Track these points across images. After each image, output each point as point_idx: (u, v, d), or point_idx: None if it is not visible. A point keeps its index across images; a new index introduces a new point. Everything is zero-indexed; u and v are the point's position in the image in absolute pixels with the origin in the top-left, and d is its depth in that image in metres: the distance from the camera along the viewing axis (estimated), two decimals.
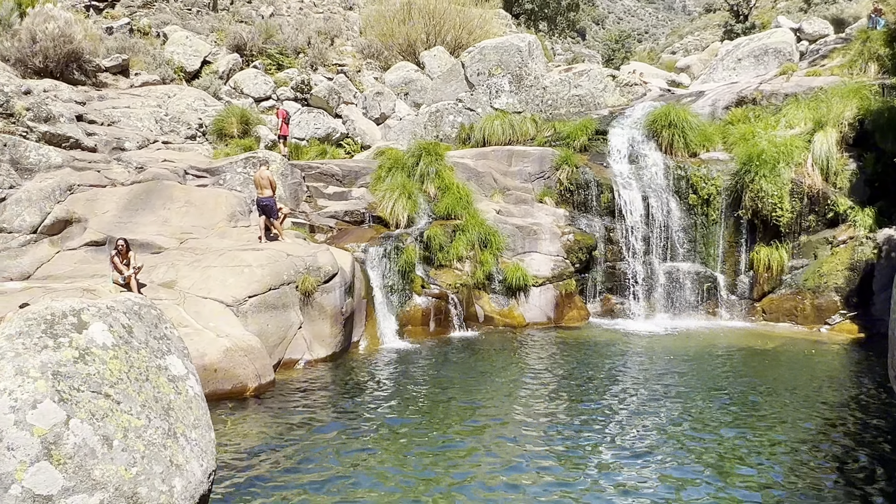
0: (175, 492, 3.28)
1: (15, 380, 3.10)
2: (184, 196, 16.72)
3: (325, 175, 18.95)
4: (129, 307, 3.82)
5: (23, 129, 17.15)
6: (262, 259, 13.55)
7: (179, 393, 3.73)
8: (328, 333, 13.76)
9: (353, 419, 10.09)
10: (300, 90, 24.14)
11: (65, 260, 15.19)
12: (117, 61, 22.77)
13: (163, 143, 19.82)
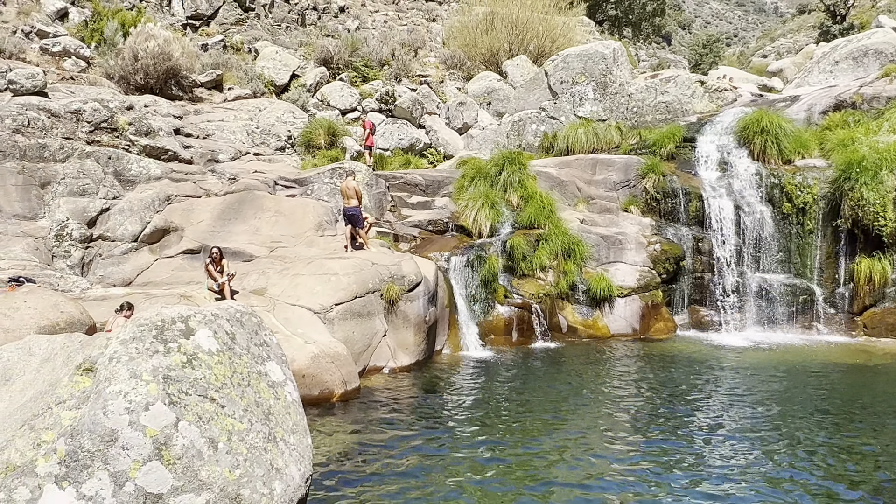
0: (275, 495, 3.37)
1: (129, 382, 3.26)
2: (273, 206, 17.24)
3: (408, 185, 19.19)
4: (232, 314, 3.97)
5: (125, 142, 18.08)
6: (349, 267, 13.81)
7: (278, 398, 3.84)
8: (412, 342, 13.89)
9: (436, 427, 10.14)
10: (384, 101, 24.55)
11: (163, 267, 15.90)
12: (212, 76, 23.74)
13: (254, 155, 20.51)
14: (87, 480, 3.05)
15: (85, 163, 16.83)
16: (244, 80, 24.48)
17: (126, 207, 16.55)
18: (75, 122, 17.56)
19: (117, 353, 3.40)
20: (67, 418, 3.29)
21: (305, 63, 26.62)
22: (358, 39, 28.32)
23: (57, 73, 20.02)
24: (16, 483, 3.05)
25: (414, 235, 17.23)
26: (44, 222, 15.79)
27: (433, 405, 11.38)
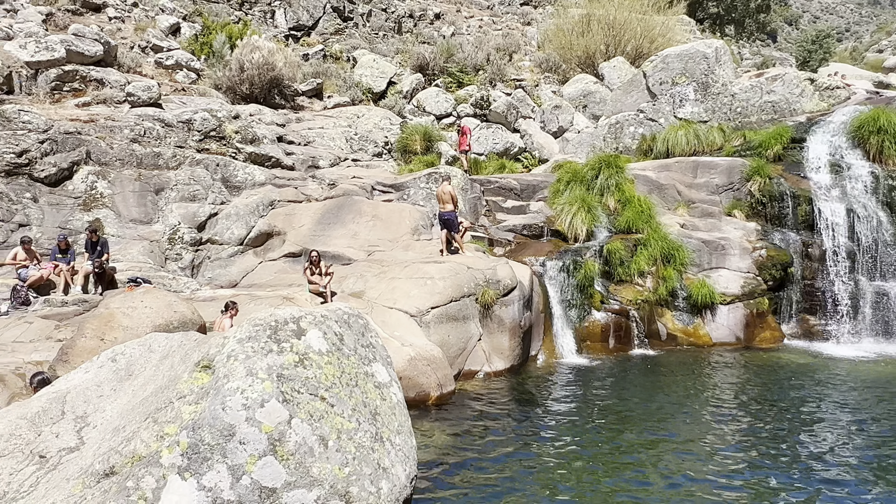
0: (382, 493, 3.44)
1: (246, 380, 3.39)
2: (371, 210, 17.59)
3: (503, 189, 19.18)
4: (340, 316, 4.07)
5: (232, 150, 18.88)
6: (444, 271, 13.92)
7: (384, 399, 3.92)
8: (507, 346, 13.86)
9: (531, 432, 10.07)
10: (479, 106, 24.64)
11: (266, 270, 16.50)
12: (312, 85, 24.48)
13: (352, 161, 21.01)
14: (207, 472, 3.20)
15: (195, 170, 17.67)
16: (343, 88, 25.12)
17: (232, 212, 17.27)
18: (187, 131, 18.49)
19: (234, 352, 3.55)
20: (188, 412, 3.45)
21: (402, 70, 27.06)
22: (453, 45, 28.56)
23: (170, 84, 21.12)
24: (143, 472, 3.23)
25: (509, 240, 17.20)
26: (158, 226, 16.67)
27: (528, 410, 11.30)
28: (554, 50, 29.82)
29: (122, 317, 10.23)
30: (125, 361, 4.99)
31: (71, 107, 17.97)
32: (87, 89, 18.64)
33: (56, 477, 3.92)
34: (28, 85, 17.97)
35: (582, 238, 16.77)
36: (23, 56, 18.07)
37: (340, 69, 26.43)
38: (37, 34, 18.98)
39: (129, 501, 3.13)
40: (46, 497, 3.64)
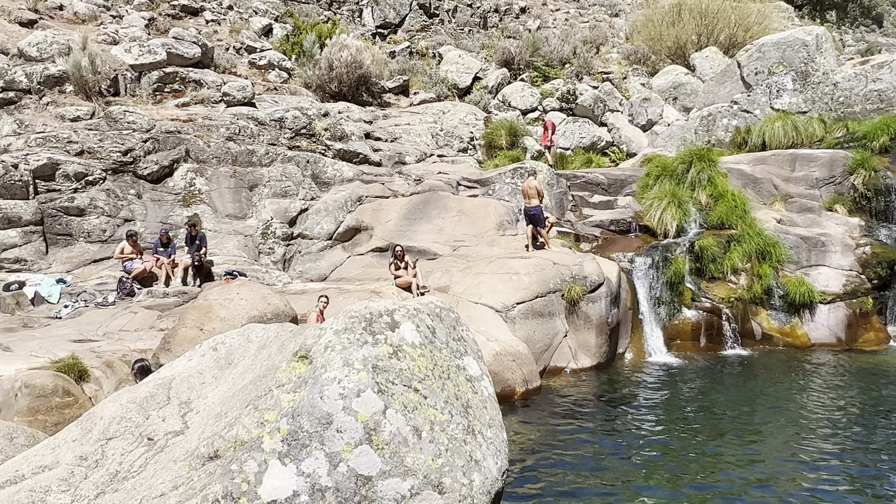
0: (474, 486, 3.46)
1: (342, 370, 3.48)
2: (456, 206, 17.69)
3: (590, 184, 18.91)
4: (432, 309, 4.12)
5: (321, 147, 19.34)
6: (530, 267, 13.87)
7: (476, 392, 3.94)
8: (593, 343, 13.69)
9: (617, 431, 9.92)
10: (565, 100, 24.37)
11: (354, 264, 16.84)
12: (399, 82, 24.78)
13: (438, 157, 21.16)
14: (305, 458, 3.30)
15: (287, 166, 18.20)
16: (429, 85, 25.32)
17: (322, 208, 17.70)
18: (278, 129, 19.05)
19: (331, 343, 3.64)
20: (286, 400, 3.57)
21: (487, 65, 27.05)
22: (539, 39, 28.33)
23: (263, 84, 21.81)
24: (245, 456, 3.36)
25: (595, 235, 16.96)
26: (252, 221, 17.27)
27: (615, 408, 11.14)
28: (643, 41, 29.14)
29: (220, 308, 10.65)
30: (225, 350, 5.19)
31: (171, 107, 18.80)
32: (186, 90, 19.46)
33: (163, 458, 4.11)
34: (132, 87, 18.91)
35: (672, 234, 16.35)
36: (127, 59, 19.02)
37: (426, 65, 26.65)
38: (140, 38, 19.94)
39: (233, 483, 3.27)
40: (155, 477, 3.83)
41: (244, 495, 3.27)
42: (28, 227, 15.17)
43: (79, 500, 4.07)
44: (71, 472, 4.29)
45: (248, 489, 3.28)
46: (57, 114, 17.22)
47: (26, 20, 19.97)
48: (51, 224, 15.46)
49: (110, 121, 17.11)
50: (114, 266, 14.99)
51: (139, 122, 17.18)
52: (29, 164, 15.47)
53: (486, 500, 3.47)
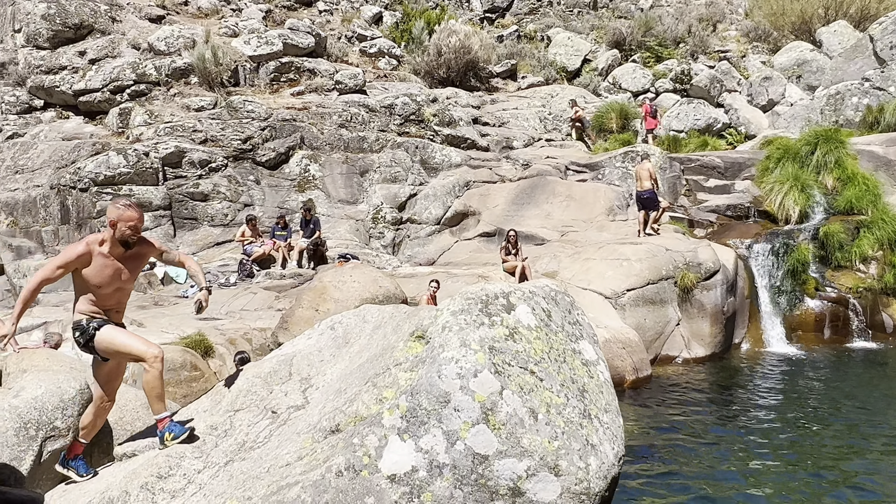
0: (591, 470, 3.44)
1: (460, 350, 3.53)
2: (565, 191, 17.48)
3: (705, 167, 18.22)
4: (548, 293, 4.10)
5: (430, 132, 19.55)
6: (641, 253, 13.54)
7: (592, 377, 3.90)
8: (707, 332, 13.23)
9: (731, 423, 9.55)
10: (679, 81, 23.53)
11: (462, 248, 16.98)
12: (506, 66, 24.66)
13: (546, 141, 20.96)
14: (424, 435, 3.37)
15: (396, 152, 18.52)
16: (537, 68, 25.06)
17: (430, 193, 17.92)
18: (388, 115, 19.39)
19: (449, 323, 3.69)
20: (404, 379, 3.64)
21: (597, 47, 26.48)
22: (651, 18, 27.44)
23: (373, 71, 22.23)
24: (366, 431, 3.46)
25: (711, 221, 16.35)
26: (362, 206, 17.71)
27: (729, 400, 10.74)
28: (764, 17, 27.66)
29: (334, 290, 11.01)
30: (342, 330, 5.34)
31: (287, 96, 19.49)
32: (300, 79, 20.10)
33: (287, 431, 4.28)
34: (251, 77, 19.71)
35: (794, 219, 15.51)
36: (246, 51, 19.84)
37: (534, 49, 26.37)
38: (258, 30, 20.74)
39: (355, 456, 3.39)
40: (280, 448, 4.00)
41: (365, 468, 3.38)
42: (158, 212, 16.17)
43: (210, 467, 4.32)
44: (203, 440, 4.56)
45: (368, 462, 3.39)
46: (183, 104, 18.21)
47: (155, 16, 21.18)
48: (178, 209, 16.40)
49: (231, 110, 17.93)
50: (235, 249, 15.75)
51: (257, 110, 17.92)
52: (158, 152, 16.46)
53: (603, 484, 3.44)
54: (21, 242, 15.39)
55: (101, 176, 15.97)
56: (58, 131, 17.59)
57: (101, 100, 18.21)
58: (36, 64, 18.47)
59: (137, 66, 18.54)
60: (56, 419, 5.83)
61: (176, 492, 4.18)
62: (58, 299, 13.57)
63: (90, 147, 16.68)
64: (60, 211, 15.86)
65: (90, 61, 18.82)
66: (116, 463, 5.16)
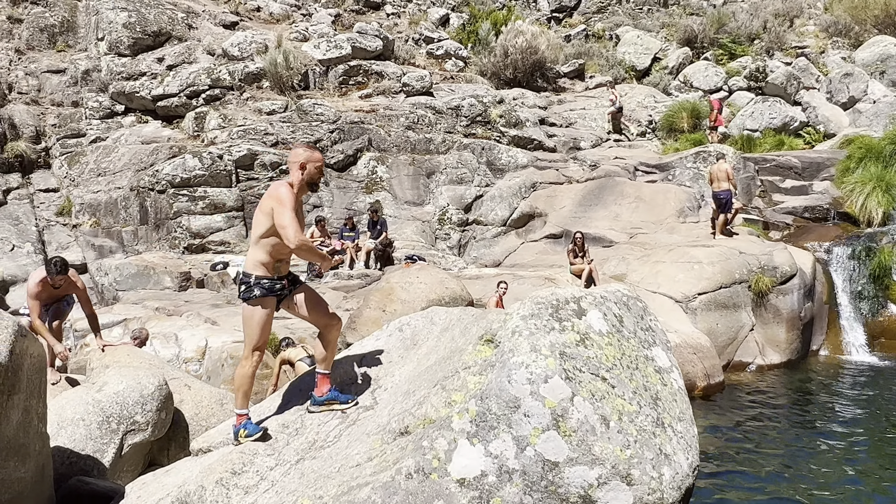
0: (664, 479, 3.36)
1: (530, 355, 3.50)
2: (633, 192, 17.18)
3: (781, 168, 17.62)
4: (619, 297, 4.03)
5: (496, 134, 19.50)
6: (713, 256, 13.20)
7: (665, 384, 3.81)
8: (783, 339, 12.80)
9: (808, 434, 9.21)
10: (753, 79, 22.83)
11: (528, 250, 16.88)
12: (574, 66, 24.40)
13: (614, 142, 20.65)
14: (493, 440, 3.36)
15: (462, 154, 18.55)
16: (605, 68, 24.72)
17: (496, 194, 17.88)
18: (455, 117, 19.44)
19: (518, 328, 3.67)
20: (473, 383, 3.63)
21: (667, 45, 25.94)
22: (725, 14, 26.71)
23: (440, 73, 22.31)
24: (436, 434, 3.46)
25: (787, 223, 15.81)
26: (429, 207, 17.79)
27: (806, 410, 10.36)
28: (844, 10, 26.56)
29: (401, 291, 11.08)
30: (410, 332, 5.37)
31: (355, 99, 19.75)
32: (368, 82, 20.34)
33: (356, 431, 4.32)
34: (320, 80, 20.06)
35: (877, 222, 14.87)
36: (316, 55, 20.19)
37: (602, 48, 26.02)
38: (327, 34, 21.08)
39: (425, 459, 3.39)
40: (349, 448, 4.04)
41: (435, 471, 3.39)
42: (231, 213, 16.62)
43: (282, 464, 4.40)
44: (275, 437, 4.65)
45: (438, 465, 3.39)
46: (255, 108, 18.66)
47: (229, 22, 21.77)
48: (249, 210, 16.81)
49: (301, 113, 18.29)
50: None
51: (326, 113, 18.22)
52: (232, 154, 16.91)
53: (677, 495, 3.36)
54: (103, 242, 16.05)
55: (178, 178, 16.51)
56: (137, 135, 18.27)
57: (177, 104, 18.83)
58: (117, 70, 19.23)
59: (212, 72, 19.10)
60: (136, 413, 6.05)
61: (249, 488, 4.27)
62: (136, 297, 14.11)
63: (167, 150, 17.27)
64: (139, 212, 16.47)
65: (168, 67, 19.48)
66: (192, 457, 5.31)
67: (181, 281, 14.91)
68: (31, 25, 20.59)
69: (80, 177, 17.19)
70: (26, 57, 20.02)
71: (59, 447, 5.71)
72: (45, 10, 20.96)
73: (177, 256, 15.99)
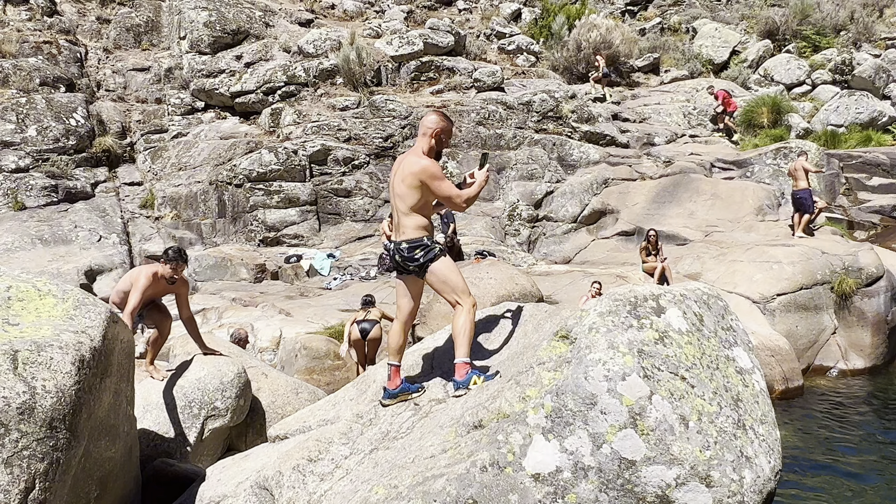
0: (745, 483, 3.28)
1: (607, 352, 3.46)
2: (709, 189, 16.76)
3: (867, 165, 16.89)
4: (699, 296, 3.94)
5: (568, 129, 19.31)
6: (794, 256, 12.76)
7: (747, 385, 3.71)
8: (868, 343, 12.27)
9: (891, 445, 8.79)
10: (839, 72, 21.92)
11: (599, 247, 16.66)
12: (648, 60, 23.93)
13: (689, 137, 20.16)
14: (569, 437, 3.34)
15: (533, 150, 18.44)
16: (681, 62, 24.15)
17: (567, 190, 17.71)
18: (526, 112, 19.33)
19: (596, 325, 3.63)
20: (548, 378, 3.62)
21: (747, 38, 25.13)
22: (808, 5, 25.68)
23: (511, 69, 22.23)
24: (511, 428, 3.47)
25: (874, 223, 15.16)
26: (499, 203, 17.76)
27: (890, 417, 9.91)
28: None
29: (471, 286, 11.04)
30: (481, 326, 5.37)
31: (426, 94, 19.86)
32: (440, 78, 20.42)
33: (429, 423, 4.36)
34: (392, 76, 20.25)
35: None
36: (388, 51, 20.39)
37: (678, 41, 25.41)
38: (399, 31, 21.26)
39: (499, 453, 3.40)
40: (423, 439, 4.07)
41: (509, 465, 3.39)
42: (304, 207, 16.97)
43: (356, 454, 4.48)
44: (350, 427, 4.73)
45: (513, 460, 3.39)
46: (329, 104, 18.99)
47: (304, 20, 22.21)
48: (322, 204, 17.14)
49: (373, 109, 18.51)
50: (375, 243, 16.26)
51: (398, 109, 18.39)
52: (306, 150, 17.27)
53: (758, 499, 3.27)
54: (183, 234, 16.63)
55: (254, 173, 16.96)
56: (216, 131, 18.85)
57: (254, 101, 19.33)
58: (198, 68, 19.87)
59: (288, 69, 19.53)
60: (216, 399, 6.27)
61: (325, 475, 4.37)
62: (214, 287, 14.58)
63: (244, 146, 17.75)
64: (218, 205, 16.99)
65: (245, 65, 20.01)
66: (269, 444, 5.46)
67: (256, 273, 15.32)
68: (118, 25, 21.49)
69: (162, 171, 17.86)
70: (113, 56, 20.91)
71: (145, 430, 5.96)
72: (131, 10, 21.85)
73: (252, 249, 16.44)
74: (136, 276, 6.27)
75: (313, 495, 4.27)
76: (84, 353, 4.06)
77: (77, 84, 19.23)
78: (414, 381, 4.86)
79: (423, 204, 4.46)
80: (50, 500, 3.62)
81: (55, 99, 17.98)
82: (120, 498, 4.88)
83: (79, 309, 4.49)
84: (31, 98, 17.67)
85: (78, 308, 4.49)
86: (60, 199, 16.49)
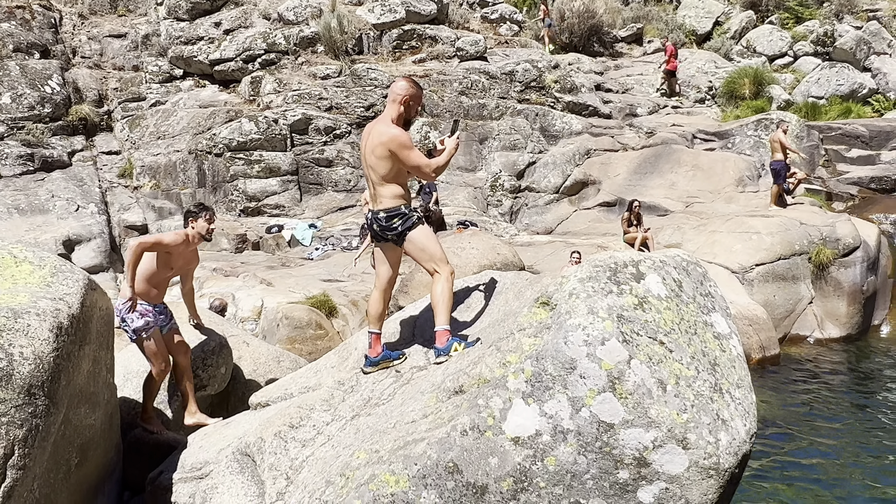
0: (721, 445, 3.34)
1: (587, 318, 3.49)
2: (691, 160, 16.83)
3: (847, 136, 17.02)
4: (679, 262, 3.98)
5: (551, 100, 19.24)
6: (773, 226, 12.89)
7: (724, 350, 3.77)
8: (843, 312, 12.48)
9: (865, 409, 9.01)
10: (821, 43, 21.98)
11: (580, 218, 16.72)
12: (632, 31, 23.84)
13: (672, 108, 20.18)
14: (548, 400, 3.38)
15: (516, 120, 18.37)
16: (664, 32, 24.06)
17: (549, 161, 17.70)
18: (509, 82, 19.23)
19: (576, 290, 3.66)
20: (528, 344, 3.65)
21: (730, 8, 25.09)
22: None
23: (494, 38, 22.04)
24: (491, 393, 3.50)
25: (852, 194, 15.32)
26: (481, 174, 17.73)
27: (863, 385, 10.13)
28: None
29: (453, 256, 11.07)
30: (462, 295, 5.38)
31: (409, 63, 19.67)
32: (422, 46, 20.21)
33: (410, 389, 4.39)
34: (374, 45, 20.01)
35: None
36: (370, 19, 20.13)
37: (662, 12, 25.31)
38: None
39: (480, 417, 3.44)
40: (405, 405, 4.10)
41: (490, 429, 3.42)
42: (285, 177, 16.83)
43: (338, 420, 4.51)
44: (331, 394, 4.75)
45: (493, 423, 3.43)
46: (309, 72, 18.76)
47: None
48: (304, 174, 17.01)
49: (355, 78, 18.32)
50: (357, 213, 16.20)
51: (380, 78, 18.21)
52: (287, 119, 17.08)
53: (733, 461, 3.33)
54: (163, 204, 16.45)
55: (234, 142, 16.77)
56: (195, 99, 18.57)
57: (234, 69, 19.04)
58: (176, 35, 19.51)
59: (268, 36, 19.23)
60: (198, 368, 6.26)
61: (306, 441, 4.39)
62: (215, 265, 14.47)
63: (224, 114, 17.53)
64: (197, 174, 16.81)
65: (224, 32, 19.67)
66: (251, 411, 5.48)
67: (237, 243, 15.23)
68: None
69: (140, 140, 17.60)
70: (89, 21, 20.46)
71: (126, 398, 5.95)
72: None
73: (233, 219, 16.32)
74: (163, 237, 5.68)
75: (295, 461, 4.30)
76: (62, 320, 4.03)
77: (52, 50, 18.82)
78: (395, 348, 4.88)
79: (397, 172, 4.42)
80: (30, 466, 3.61)
81: (29, 65, 17.61)
82: (101, 465, 4.88)
83: (56, 276, 4.44)
84: (5, 64, 17.29)
85: (55, 275, 4.45)
86: (37, 168, 16.22)
